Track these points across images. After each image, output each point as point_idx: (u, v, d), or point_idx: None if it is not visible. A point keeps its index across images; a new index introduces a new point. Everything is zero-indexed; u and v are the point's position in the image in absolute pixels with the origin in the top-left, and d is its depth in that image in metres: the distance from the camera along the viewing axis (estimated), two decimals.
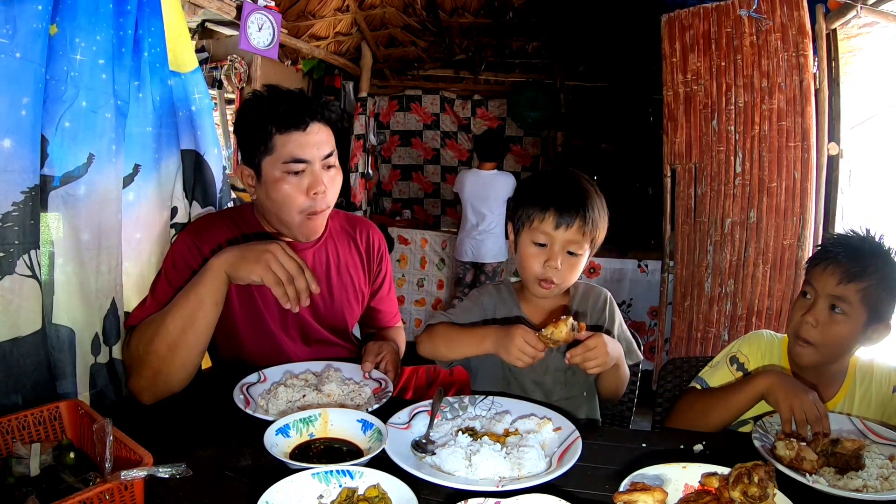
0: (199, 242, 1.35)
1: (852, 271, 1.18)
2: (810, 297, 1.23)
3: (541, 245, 1.25)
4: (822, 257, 1.24)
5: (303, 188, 1.32)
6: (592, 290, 1.39)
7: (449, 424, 1.09)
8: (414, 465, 0.92)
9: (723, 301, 2.82)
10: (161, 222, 1.45)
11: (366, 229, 1.61)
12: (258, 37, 3.15)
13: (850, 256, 1.19)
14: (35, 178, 1.07)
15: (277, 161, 1.30)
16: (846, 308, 1.18)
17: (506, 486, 0.88)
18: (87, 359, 1.21)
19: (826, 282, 1.20)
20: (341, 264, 1.53)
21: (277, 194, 1.32)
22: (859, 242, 1.23)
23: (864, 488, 0.93)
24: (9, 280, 1.03)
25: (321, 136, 1.34)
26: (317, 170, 1.32)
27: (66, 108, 1.13)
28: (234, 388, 1.19)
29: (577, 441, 1.01)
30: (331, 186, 1.37)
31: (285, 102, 1.32)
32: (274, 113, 1.30)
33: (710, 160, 2.85)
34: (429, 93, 5.50)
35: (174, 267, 1.32)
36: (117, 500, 0.75)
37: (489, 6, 4.43)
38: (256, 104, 1.34)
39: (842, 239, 1.26)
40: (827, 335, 1.20)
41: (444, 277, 4.69)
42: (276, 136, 1.30)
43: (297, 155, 1.30)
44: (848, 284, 1.17)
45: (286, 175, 1.31)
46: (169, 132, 1.45)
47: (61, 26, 1.11)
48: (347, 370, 1.33)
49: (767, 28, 2.62)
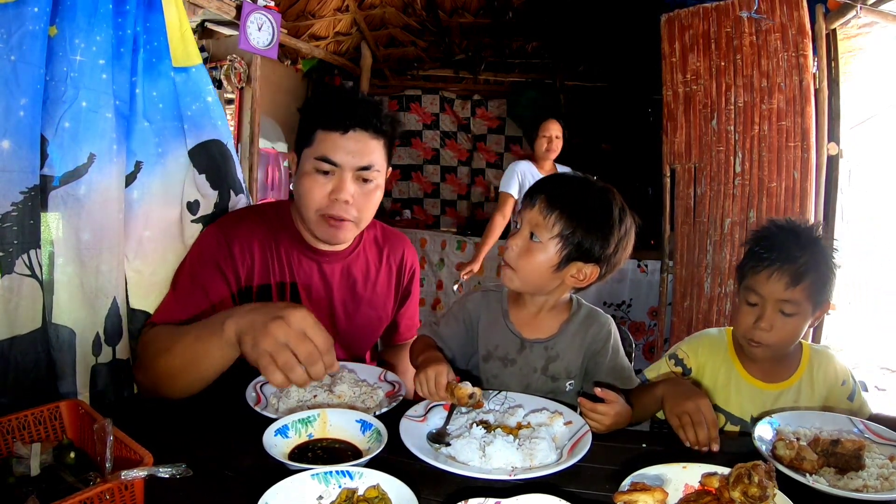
0: (228, 238, 1.32)
1: (796, 274, 1.18)
2: (757, 304, 1.23)
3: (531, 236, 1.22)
4: (760, 264, 1.22)
5: (326, 189, 1.30)
6: (597, 316, 1.33)
7: (464, 418, 1.12)
8: (430, 455, 0.95)
9: (722, 301, 2.82)
10: (171, 219, 1.40)
11: (400, 246, 1.57)
12: (258, 37, 3.15)
13: (789, 258, 1.19)
14: (35, 179, 1.07)
15: (311, 155, 1.30)
16: (795, 309, 1.20)
17: (517, 476, 0.91)
18: (88, 359, 1.20)
19: (773, 289, 1.20)
20: (369, 281, 1.49)
21: (301, 187, 1.31)
22: (792, 238, 1.22)
23: (864, 488, 0.93)
24: (7, 279, 1.04)
25: (362, 145, 1.30)
26: (346, 177, 1.29)
27: (66, 109, 1.13)
28: (248, 385, 1.18)
29: (588, 434, 1.03)
30: (362, 201, 1.32)
31: (336, 101, 1.31)
32: (322, 108, 1.30)
33: (709, 160, 2.85)
34: (428, 93, 5.50)
35: (199, 259, 1.31)
36: (117, 500, 0.75)
37: (489, 6, 4.43)
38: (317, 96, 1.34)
39: (773, 240, 1.24)
40: (780, 335, 1.22)
41: (443, 277, 4.69)
42: (318, 131, 1.29)
43: (329, 155, 1.28)
44: (795, 287, 1.19)
45: (314, 171, 1.30)
46: (175, 125, 1.41)
47: (60, 27, 1.11)
48: (362, 372, 1.31)
49: (767, 28, 2.63)
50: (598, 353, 1.29)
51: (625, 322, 3.86)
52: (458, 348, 1.33)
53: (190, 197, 1.43)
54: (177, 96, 1.43)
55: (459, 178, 5.60)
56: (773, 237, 1.25)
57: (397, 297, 1.57)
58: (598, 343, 1.29)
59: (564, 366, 1.29)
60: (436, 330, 1.34)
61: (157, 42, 1.36)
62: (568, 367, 1.29)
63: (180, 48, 1.42)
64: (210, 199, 1.47)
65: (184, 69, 1.44)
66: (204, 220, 1.45)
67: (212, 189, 1.48)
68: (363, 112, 1.29)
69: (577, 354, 1.29)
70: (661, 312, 3.24)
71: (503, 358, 1.30)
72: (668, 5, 3.05)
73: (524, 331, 1.30)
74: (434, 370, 1.12)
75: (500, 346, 1.30)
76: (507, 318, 1.31)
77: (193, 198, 1.44)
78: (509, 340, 1.30)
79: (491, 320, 1.32)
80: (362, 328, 1.50)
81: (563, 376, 1.29)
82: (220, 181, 1.49)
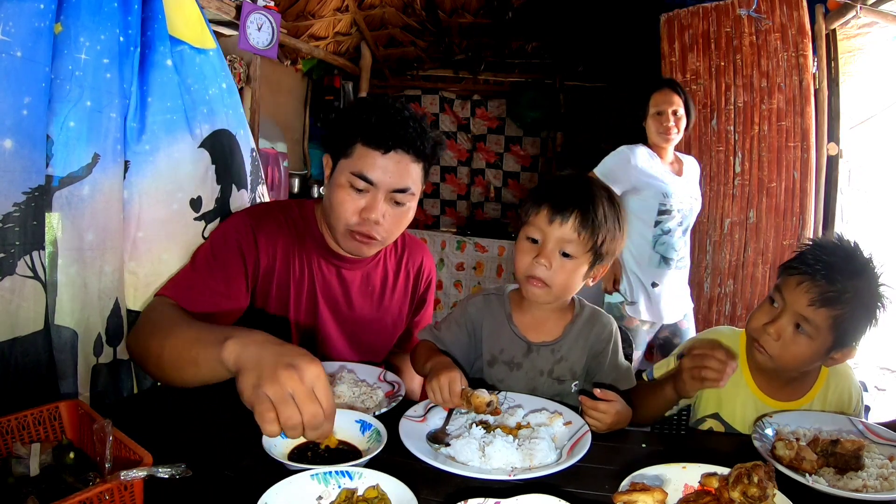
0: (257, 228, 1.31)
1: (827, 296, 1.08)
2: (777, 305, 1.16)
3: (534, 241, 1.20)
4: (798, 269, 1.13)
5: (358, 206, 1.27)
6: (600, 317, 1.32)
7: (463, 418, 1.12)
8: (430, 455, 0.95)
9: (722, 301, 2.82)
10: (165, 219, 1.35)
11: (419, 254, 1.56)
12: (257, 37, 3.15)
13: (829, 277, 1.09)
14: (39, 179, 1.06)
15: (348, 168, 1.26)
16: (811, 331, 1.11)
17: (517, 476, 0.90)
18: (90, 360, 1.20)
19: (798, 298, 1.11)
20: (387, 289, 1.48)
21: (334, 199, 1.28)
22: (843, 260, 1.11)
23: (863, 488, 0.93)
24: (9, 280, 1.03)
25: (401, 167, 1.26)
26: (379, 196, 1.26)
27: (70, 108, 1.12)
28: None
29: (587, 435, 1.03)
30: (393, 221, 1.31)
31: (382, 118, 1.25)
32: (367, 122, 1.25)
33: (709, 160, 2.85)
34: (428, 93, 5.49)
35: (223, 240, 1.29)
36: (117, 500, 0.75)
37: (488, 6, 4.43)
38: (364, 106, 1.28)
39: (824, 252, 1.13)
40: (786, 352, 1.14)
41: (443, 277, 4.69)
42: (359, 145, 1.25)
43: (366, 174, 1.24)
44: (819, 309, 1.09)
45: (349, 185, 1.26)
46: (167, 118, 1.32)
47: (66, 25, 1.10)
48: (362, 372, 1.30)
49: (767, 28, 2.63)
50: (600, 354, 1.29)
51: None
52: (460, 353, 1.31)
53: (193, 193, 1.38)
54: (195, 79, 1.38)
55: (459, 178, 5.59)
56: (828, 250, 1.13)
57: (412, 304, 1.56)
58: (601, 343, 1.29)
59: (570, 367, 1.29)
60: (437, 335, 1.32)
61: (151, 31, 1.30)
62: (573, 369, 1.29)
63: (197, 29, 1.39)
64: (212, 195, 1.43)
65: (202, 50, 1.40)
66: (207, 218, 1.41)
67: (216, 183, 1.44)
68: (408, 133, 1.25)
69: (581, 355, 1.29)
70: None
71: (509, 362, 1.29)
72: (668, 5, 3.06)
73: (529, 334, 1.29)
74: (447, 377, 1.10)
75: (506, 350, 1.29)
76: (511, 322, 1.30)
77: (196, 194, 1.39)
78: (515, 344, 1.29)
79: (495, 324, 1.30)
80: (378, 335, 1.49)
81: (568, 378, 1.29)
82: (224, 174, 1.47)
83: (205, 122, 1.39)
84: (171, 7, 1.33)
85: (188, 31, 1.36)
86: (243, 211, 1.37)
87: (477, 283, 4.51)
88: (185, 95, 1.36)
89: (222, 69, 1.47)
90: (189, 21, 1.37)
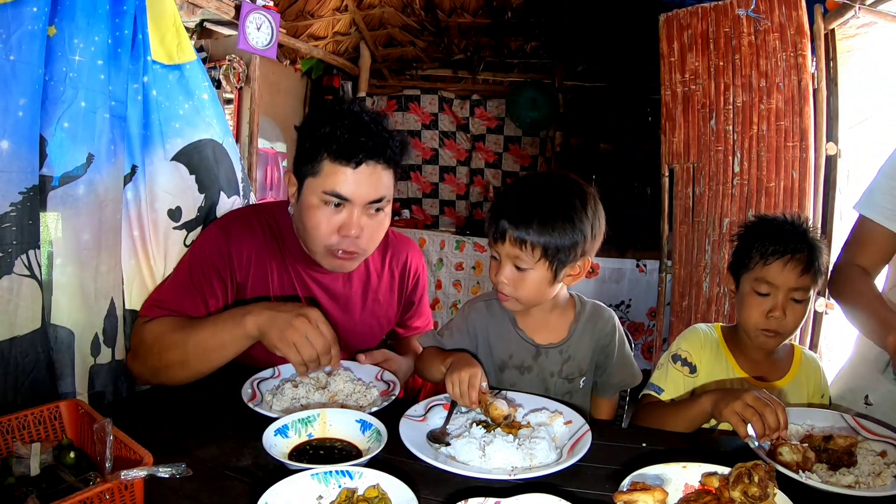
0: (229, 243, 1.30)
1: (808, 260, 1.24)
2: (769, 294, 1.26)
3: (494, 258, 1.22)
4: (772, 255, 1.25)
5: (335, 224, 1.23)
6: (601, 311, 1.33)
7: (464, 417, 1.12)
8: (430, 455, 0.96)
9: (721, 301, 2.82)
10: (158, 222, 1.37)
11: (404, 250, 1.52)
12: (257, 36, 3.14)
13: (798, 248, 1.24)
14: (34, 179, 1.07)
15: (319, 187, 1.21)
16: (804, 295, 1.26)
17: (517, 476, 0.90)
18: (87, 360, 1.20)
19: (787, 277, 1.24)
20: (370, 289, 1.46)
21: (308, 221, 1.25)
22: (792, 230, 1.27)
23: (856, 484, 0.94)
24: (6, 280, 1.04)
25: (374, 178, 1.22)
26: (356, 212, 1.23)
27: (64, 109, 1.13)
28: (245, 382, 1.19)
29: (587, 434, 1.03)
30: (371, 232, 1.28)
31: (348, 130, 1.19)
32: (331, 136, 1.19)
33: (708, 160, 2.85)
34: (427, 93, 5.49)
35: (200, 258, 1.30)
36: (117, 499, 0.75)
37: (488, 6, 4.43)
38: (322, 117, 1.23)
39: (780, 232, 1.27)
40: (793, 321, 1.27)
41: (442, 277, 4.69)
42: (326, 161, 1.20)
43: (339, 191, 1.20)
44: (806, 274, 1.24)
45: (322, 204, 1.22)
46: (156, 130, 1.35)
47: (59, 27, 1.11)
48: (358, 370, 1.31)
49: (765, 28, 2.63)
50: (606, 347, 1.31)
51: (624, 322, 3.87)
52: None
53: (171, 204, 1.39)
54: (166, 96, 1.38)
55: (458, 178, 5.59)
56: (778, 229, 1.29)
57: (401, 302, 1.55)
58: (606, 337, 1.31)
59: (578, 365, 1.30)
60: (441, 342, 1.32)
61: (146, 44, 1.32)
62: (581, 366, 1.30)
63: (173, 44, 1.39)
64: (194, 204, 1.44)
65: (176, 66, 1.40)
66: (188, 226, 1.42)
67: (198, 192, 1.45)
68: (376, 142, 1.21)
69: (588, 351, 1.31)
70: (660, 312, 3.25)
71: (519, 366, 1.29)
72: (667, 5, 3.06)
73: (536, 336, 1.29)
74: (468, 372, 1.10)
75: (515, 354, 1.29)
76: (516, 326, 1.30)
77: (175, 205, 1.40)
78: (523, 348, 1.29)
79: (500, 330, 1.30)
80: (365, 337, 1.48)
81: (577, 375, 1.31)
82: (209, 183, 1.47)
83: (177, 136, 1.40)
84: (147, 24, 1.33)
85: (162, 50, 1.37)
86: (215, 224, 1.36)
87: (476, 283, 4.50)
88: (157, 112, 1.36)
89: (204, 80, 1.47)
90: (164, 38, 1.37)
